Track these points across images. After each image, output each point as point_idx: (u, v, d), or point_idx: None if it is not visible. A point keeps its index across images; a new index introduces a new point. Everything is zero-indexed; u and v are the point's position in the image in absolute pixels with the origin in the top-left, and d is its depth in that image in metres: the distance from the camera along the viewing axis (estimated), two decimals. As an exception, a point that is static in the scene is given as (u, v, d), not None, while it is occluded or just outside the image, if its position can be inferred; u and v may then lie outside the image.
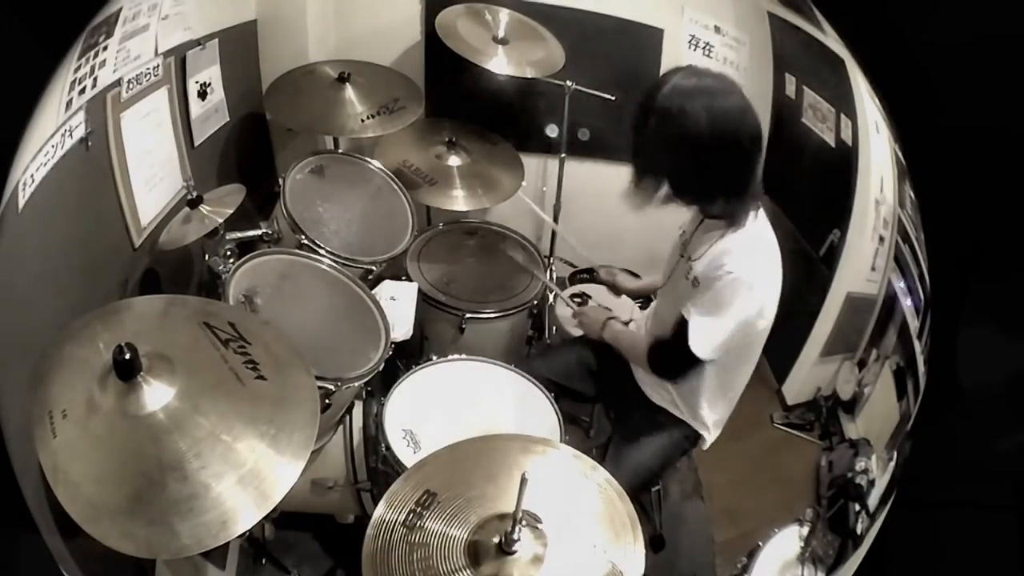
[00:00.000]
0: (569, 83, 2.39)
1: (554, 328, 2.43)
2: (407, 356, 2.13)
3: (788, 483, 2.10)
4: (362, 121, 2.31)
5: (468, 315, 2.27)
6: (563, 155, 2.55)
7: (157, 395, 1.25)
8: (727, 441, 2.04)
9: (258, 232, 2.07)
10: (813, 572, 1.73)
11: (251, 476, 1.23)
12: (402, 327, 1.97)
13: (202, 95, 2.19)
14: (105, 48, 1.77)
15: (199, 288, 2.08)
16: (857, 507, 1.80)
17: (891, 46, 1.88)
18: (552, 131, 2.59)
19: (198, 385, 1.29)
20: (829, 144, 1.98)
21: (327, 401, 1.70)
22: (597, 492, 1.37)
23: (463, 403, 1.90)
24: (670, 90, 1.55)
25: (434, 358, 2.02)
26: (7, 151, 1.58)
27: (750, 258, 1.64)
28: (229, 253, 1.92)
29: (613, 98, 2.46)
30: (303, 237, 2.01)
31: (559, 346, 2.36)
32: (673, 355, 1.72)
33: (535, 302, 2.38)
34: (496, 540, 1.24)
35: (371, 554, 1.26)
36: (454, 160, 2.47)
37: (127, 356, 1.22)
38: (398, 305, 2.04)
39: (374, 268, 2.11)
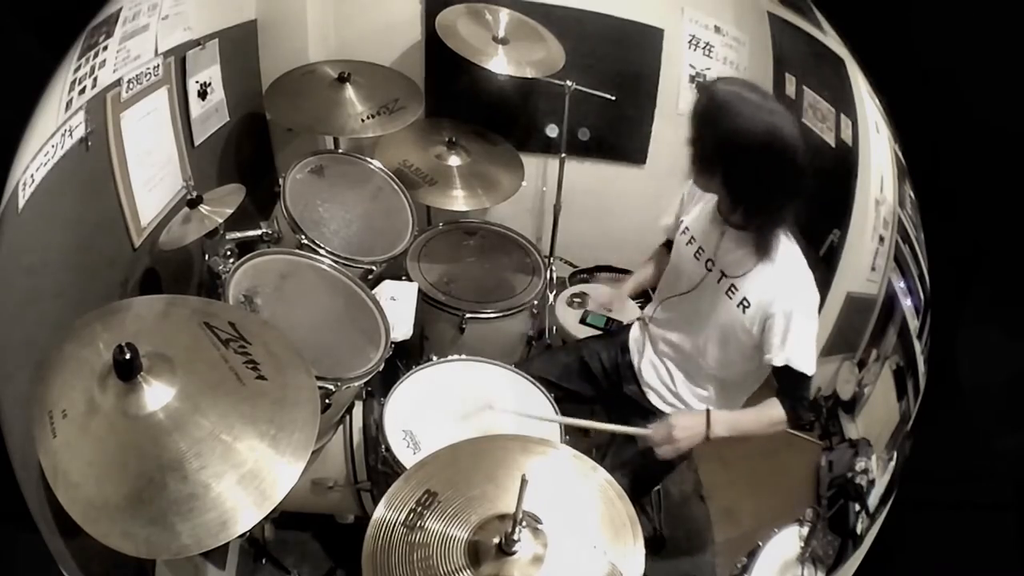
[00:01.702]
0: (569, 83, 2.39)
1: (554, 328, 2.43)
2: (407, 356, 2.13)
3: (788, 483, 2.09)
4: (362, 121, 2.31)
5: (468, 315, 2.27)
6: (563, 155, 2.55)
7: (157, 395, 1.25)
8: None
9: (258, 232, 2.07)
10: (813, 572, 1.73)
11: (251, 476, 1.23)
12: (402, 327, 1.97)
13: (202, 95, 2.19)
14: (105, 48, 1.76)
15: (199, 288, 2.08)
16: (857, 507, 1.80)
17: (891, 46, 1.88)
18: (552, 131, 2.59)
19: (198, 385, 1.29)
20: (829, 144, 1.97)
21: (327, 401, 1.70)
22: (597, 492, 1.37)
23: (463, 403, 1.90)
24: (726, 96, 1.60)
25: (434, 358, 2.02)
26: (7, 151, 1.58)
27: (801, 263, 1.69)
28: (229, 253, 1.92)
29: (613, 98, 2.46)
30: (303, 237, 2.01)
31: (559, 347, 2.36)
32: (803, 396, 1.73)
33: (535, 302, 2.38)
34: (496, 540, 1.24)
35: (371, 554, 1.26)
36: (454, 160, 2.47)
37: (127, 356, 1.22)
38: (398, 305, 2.04)
39: (374, 268, 2.11)
